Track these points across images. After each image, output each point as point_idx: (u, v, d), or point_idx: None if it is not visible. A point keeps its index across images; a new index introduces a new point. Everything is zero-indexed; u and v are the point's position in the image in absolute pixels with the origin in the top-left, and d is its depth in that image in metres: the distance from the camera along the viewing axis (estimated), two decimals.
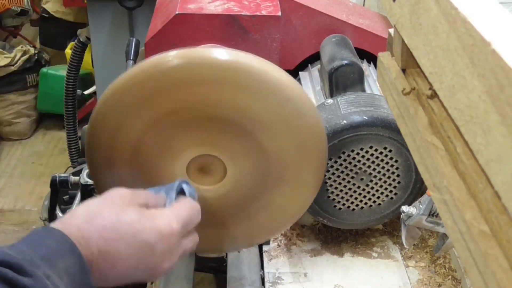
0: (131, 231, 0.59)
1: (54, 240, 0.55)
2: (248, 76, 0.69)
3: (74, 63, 2.25)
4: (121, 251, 0.59)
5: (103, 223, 0.58)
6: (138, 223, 0.60)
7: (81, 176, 0.91)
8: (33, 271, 0.50)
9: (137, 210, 0.62)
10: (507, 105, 0.33)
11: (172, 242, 0.62)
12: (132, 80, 0.70)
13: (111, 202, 0.62)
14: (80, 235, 0.56)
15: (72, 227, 0.57)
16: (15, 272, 0.49)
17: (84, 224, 0.58)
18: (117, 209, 0.60)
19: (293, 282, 0.98)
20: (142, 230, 0.60)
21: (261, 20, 1.03)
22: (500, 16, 0.38)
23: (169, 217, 0.63)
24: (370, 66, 1.14)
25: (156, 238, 0.61)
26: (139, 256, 0.60)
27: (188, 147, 0.74)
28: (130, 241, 0.59)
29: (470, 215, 0.39)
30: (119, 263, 0.59)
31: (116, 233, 0.59)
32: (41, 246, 0.53)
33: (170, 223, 0.62)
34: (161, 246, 0.61)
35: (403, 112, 0.55)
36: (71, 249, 0.55)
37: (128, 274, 0.60)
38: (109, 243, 0.58)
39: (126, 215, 0.60)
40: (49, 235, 0.55)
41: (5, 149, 3.08)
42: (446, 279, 0.99)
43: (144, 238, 0.60)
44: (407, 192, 0.97)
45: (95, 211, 0.60)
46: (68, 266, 0.53)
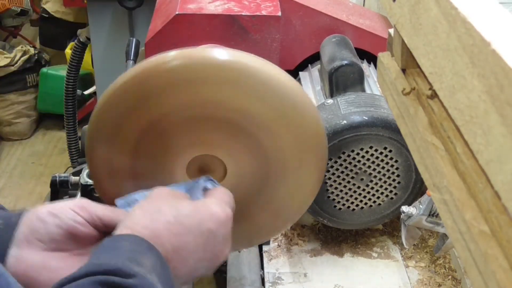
0: (195, 222, 0.59)
1: (130, 243, 0.54)
2: (248, 76, 0.69)
3: (74, 63, 2.25)
4: (189, 244, 0.58)
5: (167, 218, 0.58)
6: (198, 213, 0.60)
7: (81, 176, 0.91)
8: (134, 271, 0.50)
9: (190, 202, 0.62)
10: (507, 105, 0.33)
11: (228, 226, 0.63)
12: (132, 80, 0.70)
13: (162, 198, 0.61)
14: (152, 235, 0.56)
15: (140, 229, 0.56)
16: (117, 276, 0.49)
17: (149, 223, 0.57)
18: (173, 203, 0.60)
19: (293, 282, 0.98)
20: (204, 219, 0.60)
21: (261, 20, 1.03)
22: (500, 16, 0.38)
23: (220, 204, 0.63)
24: (370, 66, 1.14)
25: (217, 225, 0.61)
26: (205, 245, 0.60)
27: (188, 147, 0.74)
28: (196, 232, 0.59)
29: (470, 215, 0.39)
30: (189, 256, 0.59)
31: (183, 226, 0.58)
32: (122, 251, 0.53)
33: (225, 209, 0.63)
34: (222, 231, 0.62)
35: (403, 112, 0.55)
36: (149, 247, 0.55)
37: (197, 266, 0.60)
38: (178, 238, 0.58)
39: (184, 208, 0.60)
40: (123, 241, 0.55)
41: (5, 149, 3.08)
42: (446, 279, 0.99)
43: (207, 226, 0.60)
44: (407, 192, 0.97)
45: (154, 209, 0.59)
46: (153, 263, 0.53)
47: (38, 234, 0.59)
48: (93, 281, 0.48)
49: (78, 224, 0.61)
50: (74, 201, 0.63)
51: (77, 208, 0.62)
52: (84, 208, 0.62)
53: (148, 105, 0.70)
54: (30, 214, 0.60)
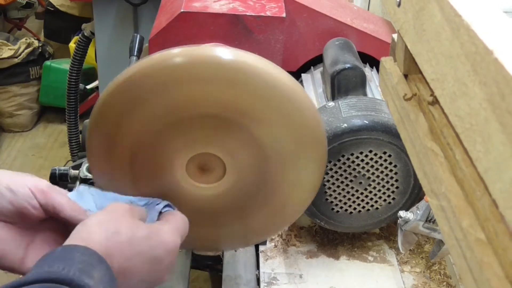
0: (146, 249, 0.62)
1: (82, 253, 0.55)
2: (250, 76, 0.69)
3: (78, 57, 2.26)
4: (136, 266, 0.61)
5: (122, 239, 0.60)
6: (150, 240, 0.62)
7: (80, 170, 0.91)
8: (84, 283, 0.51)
9: (146, 226, 0.64)
10: (508, 113, 0.33)
11: (175, 255, 0.65)
12: (134, 76, 0.70)
13: (121, 217, 0.62)
14: (104, 252, 0.57)
15: (94, 244, 0.57)
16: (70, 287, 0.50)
17: (104, 241, 0.58)
18: (131, 225, 0.62)
19: (288, 283, 0.98)
20: (154, 246, 0.62)
21: (265, 21, 1.03)
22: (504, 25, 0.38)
23: (173, 232, 0.66)
24: (373, 70, 1.14)
25: (165, 253, 0.63)
26: (150, 270, 0.62)
27: (189, 145, 0.74)
28: (144, 259, 0.61)
29: (467, 223, 0.40)
30: (133, 277, 0.61)
31: (134, 251, 0.60)
32: (73, 260, 0.54)
33: (175, 239, 0.65)
34: (168, 260, 0.64)
35: (403, 118, 0.55)
36: (99, 260, 0.56)
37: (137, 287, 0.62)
38: (127, 261, 0.60)
39: (140, 231, 0.62)
40: (76, 251, 0.55)
41: (6, 141, 3.08)
42: (441, 285, 0.99)
43: (156, 253, 0.62)
44: (405, 197, 0.97)
45: (112, 228, 0.60)
46: (101, 276, 0.54)
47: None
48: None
49: (30, 206, 0.62)
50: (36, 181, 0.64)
51: (36, 190, 0.63)
52: (43, 192, 0.63)
53: (149, 102, 0.70)
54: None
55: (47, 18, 3.27)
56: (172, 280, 0.98)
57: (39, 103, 3.18)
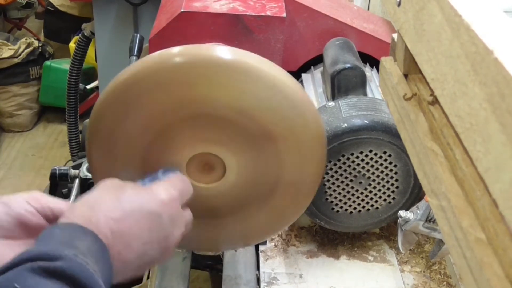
0: (135, 206, 0.60)
1: (62, 229, 0.54)
2: (250, 76, 0.69)
3: (78, 57, 2.26)
4: (132, 228, 0.58)
5: (106, 206, 0.58)
6: (138, 197, 0.61)
7: (80, 170, 0.91)
8: (61, 254, 0.49)
9: (133, 187, 0.63)
10: (508, 113, 0.33)
11: (175, 207, 0.63)
12: (134, 75, 0.70)
13: (107, 189, 0.62)
14: (88, 221, 0.56)
15: (76, 218, 0.56)
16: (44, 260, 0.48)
17: (88, 211, 0.57)
18: (115, 191, 0.61)
19: (288, 283, 0.98)
20: (145, 203, 0.61)
21: (265, 21, 1.03)
22: (504, 25, 0.38)
23: (165, 186, 0.64)
24: (373, 70, 1.14)
25: (159, 206, 0.61)
26: (150, 228, 0.60)
27: (189, 145, 0.74)
28: (137, 216, 0.59)
29: (467, 222, 0.40)
30: (133, 241, 0.58)
31: (122, 211, 0.59)
32: (54, 236, 0.53)
33: (169, 191, 0.63)
34: (167, 213, 0.62)
35: (403, 117, 0.55)
36: (84, 231, 0.54)
37: (145, 250, 0.60)
38: (118, 223, 0.58)
39: (125, 193, 0.60)
40: (57, 228, 0.55)
41: (5, 141, 3.08)
42: (441, 285, 0.99)
43: (149, 209, 0.60)
44: (405, 197, 0.97)
45: (94, 199, 0.59)
46: (88, 246, 0.53)
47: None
48: (21, 270, 0.47)
49: (27, 213, 0.61)
50: (27, 193, 0.64)
51: (29, 198, 0.62)
52: (36, 199, 0.63)
53: (149, 101, 0.70)
54: None
55: (47, 18, 3.27)
56: (172, 281, 0.98)
57: (39, 103, 3.18)
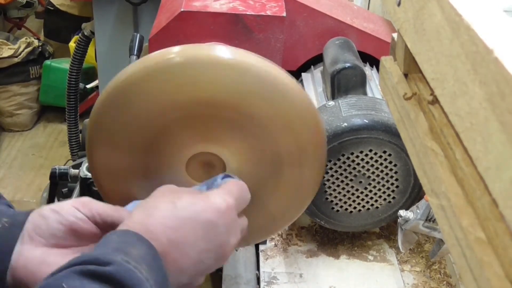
0: (192, 214, 0.60)
1: (118, 236, 0.55)
2: (250, 76, 0.69)
3: (78, 57, 2.25)
4: (188, 236, 0.59)
5: (163, 214, 0.58)
6: (194, 205, 0.60)
7: (80, 169, 0.91)
8: (112, 259, 0.50)
9: (190, 193, 0.63)
10: (508, 113, 0.33)
11: (231, 216, 0.63)
12: (135, 75, 0.70)
13: (164, 195, 0.62)
14: (145, 229, 0.56)
15: (134, 224, 0.57)
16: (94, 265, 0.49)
17: (145, 219, 0.58)
18: (171, 198, 0.61)
19: (288, 282, 0.98)
20: (201, 211, 0.60)
21: (265, 20, 1.03)
22: (504, 24, 0.38)
23: (222, 194, 0.64)
24: (373, 69, 1.14)
25: (215, 215, 0.61)
26: (206, 236, 0.60)
27: (189, 144, 0.74)
28: (193, 224, 0.59)
29: (467, 222, 0.40)
30: (190, 249, 0.59)
31: (178, 219, 0.59)
32: (109, 243, 0.53)
33: (225, 199, 0.63)
34: (223, 221, 0.61)
35: (403, 117, 0.55)
36: (139, 238, 0.55)
37: (201, 258, 0.60)
38: (175, 231, 0.58)
39: (181, 201, 0.60)
40: (113, 235, 0.55)
41: (5, 140, 3.08)
42: (441, 284, 1.00)
43: (205, 217, 0.60)
44: (405, 197, 0.97)
45: (151, 206, 0.60)
46: (142, 254, 0.53)
47: (39, 229, 0.60)
48: (70, 271, 0.49)
49: (78, 220, 0.61)
50: (76, 199, 0.64)
51: (78, 204, 0.63)
52: (85, 204, 0.63)
53: (150, 101, 0.70)
54: (35, 212, 0.61)
55: (47, 18, 3.27)
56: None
57: (39, 103, 3.17)
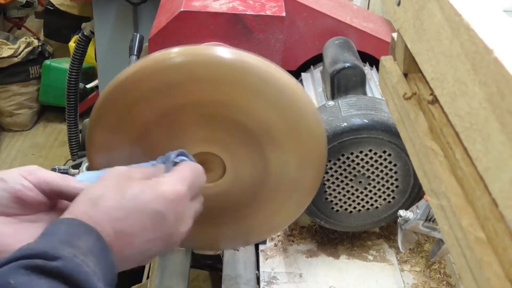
0: (139, 205, 0.58)
1: (66, 226, 0.54)
2: (249, 76, 0.69)
3: (77, 57, 2.25)
4: (134, 227, 0.58)
5: (109, 204, 0.57)
6: (143, 195, 0.59)
7: (80, 169, 0.90)
8: (59, 253, 0.49)
9: (139, 182, 0.61)
10: (507, 113, 0.33)
11: (181, 205, 0.61)
12: (135, 75, 0.70)
13: (112, 182, 0.60)
14: (91, 219, 0.55)
15: (80, 214, 0.56)
16: (42, 259, 0.48)
17: (90, 209, 0.57)
18: (119, 187, 0.59)
19: (288, 282, 0.98)
20: (149, 201, 0.59)
21: (265, 20, 1.03)
22: (504, 24, 0.38)
23: (173, 182, 0.62)
24: (373, 69, 1.14)
25: (164, 205, 0.60)
26: (153, 227, 0.59)
27: (189, 144, 0.74)
28: (140, 215, 0.58)
29: (466, 222, 0.40)
30: (136, 239, 0.58)
31: (125, 210, 0.58)
32: (56, 234, 0.52)
33: (175, 187, 0.61)
34: (172, 211, 0.60)
35: (403, 117, 0.55)
36: (87, 229, 0.54)
37: (148, 247, 0.59)
38: (121, 222, 0.57)
39: (129, 190, 0.59)
40: (60, 224, 0.54)
41: (5, 140, 3.08)
42: (441, 284, 1.00)
43: (152, 208, 0.59)
44: (404, 197, 0.97)
45: (97, 195, 0.58)
46: (90, 245, 0.52)
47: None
48: (17, 266, 0.48)
49: (24, 188, 0.61)
50: (22, 167, 0.64)
51: (25, 172, 0.62)
52: (32, 172, 0.63)
53: (149, 101, 0.70)
54: None
55: (46, 17, 3.27)
56: (171, 280, 0.98)
57: (39, 102, 3.17)
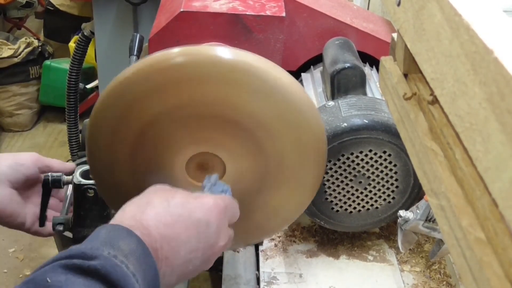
0: (185, 212, 0.60)
1: (108, 230, 0.55)
2: (250, 76, 0.69)
3: (77, 57, 2.25)
4: (180, 234, 0.59)
5: (156, 210, 0.59)
6: (188, 204, 0.61)
7: (74, 176, 0.89)
8: (98, 253, 0.51)
9: (183, 193, 0.63)
10: (507, 113, 0.33)
11: (222, 218, 0.64)
12: (135, 75, 0.70)
13: (157, 192, 0.62)
14: (139, 224, 0.57)
15: (126, 220, 0.57)
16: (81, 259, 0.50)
17: (138, 214, 0.58)
18: (165, 196, 0.61)
19: (288, 282, 0.98)
20: (194, 209, 0.61)
21: (265, 20, 1.03)
22: (504, 24, 0.38)
23: (214, 197, 0.65)
24: (373, 69, 1.14)
25: (208, 214, 0.62)
26: (198, 235, 0.60)
27: (189, 144, 0.74)
28: (186, 222, 0.60)
29: (466, 222, 0.40)
30: (181, 247, 0.59)
31: (172, 216, 0.59)
32: (98, 237, 0.54)
33: (216, 201, 0.64)
34: (214, 221, 0.62)
35: (403, 117, 0.55)
36: (129, 233, 0.55)
37: (191, 257, 0.60)
38: (168, 228, 0.58)
39: (175, 199, 0.61)
40: (103, 229, 0.55)
41: (5, 140, 3.08)
42: (441, 284, 1.00)
43: (198, 216, 0.61)
44: (404, 197, 0.97)
45: (145, 202, 0.60)
46: (131, 248, 0.53)
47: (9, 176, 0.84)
48: (56, 265, 0.50)
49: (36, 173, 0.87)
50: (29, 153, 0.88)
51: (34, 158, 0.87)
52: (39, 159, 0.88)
53: (149, 101, 0.70)
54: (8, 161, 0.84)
55: (47, 18, 3.27)
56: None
57: (39, 103, 3.17)
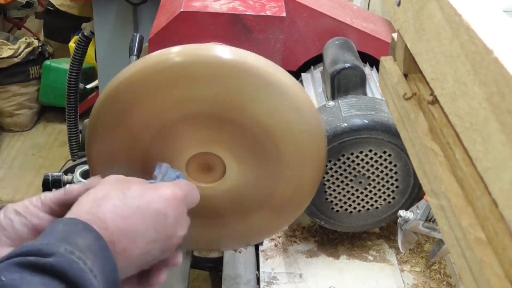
0: (142, 204, 0.60)
1: (64, 225, 0.54)
2: (250, 75, 0.69)
3: (77, 57, 2.25)
4: (138, 226, 0.58)
5: (112, 202, 0.58)
6: (144, 195, 0.60)
7: (74, 175, 0.89)
8: (54, 250, 0.50)
9: (139, 184, 0.62)
10: (507, 113, 0.33)
11: (180, 208, 0.63)
12: (135, 75, 0.70)
13: (113, 184, 0.61)
14: (95, 218, 0.56)
15: (83, 213, 0.56)
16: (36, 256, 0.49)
17: (95, 207, 0.57)
18: (121, 188, 0.60)
19: (288, 282, 0.98)
20: (151, 201, 0.60)
21: (265, 20, 1.03)
22: (504, 24, 0.38)
23: (171, 187, 0.63)
24: (373, 70, 1.14)
25: (165, 205, 0.61)
26: (155, 226, 0.60)
27: (189, 144, 0.74)
28: (144, 214, 0.59)
29: (466, 222, 0.40)
30: (139, 238, 0.58)
31: (129, 208, 0.58)
32: (54, 232, 0.53)
33: (174, 191, 0.63)
34: (172, 212, 0.61)
35: (403, 117, 0.55)
36: (86, 228, 0.54)
37: (150, 248, 0.60)
38: (125, 220, 0.58)
39: (131, 191, 0.60)
40: (59, 224, 0.55)
41: (5, 140, 3.08)
42: (441, 284, 1.00)
43: (155, 207, 0.60)
44: (405, 197, 0.97)
45: (101, 195, 0.59)
46: (89, 244, 0.53)
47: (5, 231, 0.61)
48: (10, 263, 0.48)
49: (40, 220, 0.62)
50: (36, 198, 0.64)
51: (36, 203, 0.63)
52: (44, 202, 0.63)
53: (150, 101, 0.70)
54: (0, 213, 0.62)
55: (47, 18, 3.27)
56: (172, 280, 0.98)
57: (39, 103, 3.17)
